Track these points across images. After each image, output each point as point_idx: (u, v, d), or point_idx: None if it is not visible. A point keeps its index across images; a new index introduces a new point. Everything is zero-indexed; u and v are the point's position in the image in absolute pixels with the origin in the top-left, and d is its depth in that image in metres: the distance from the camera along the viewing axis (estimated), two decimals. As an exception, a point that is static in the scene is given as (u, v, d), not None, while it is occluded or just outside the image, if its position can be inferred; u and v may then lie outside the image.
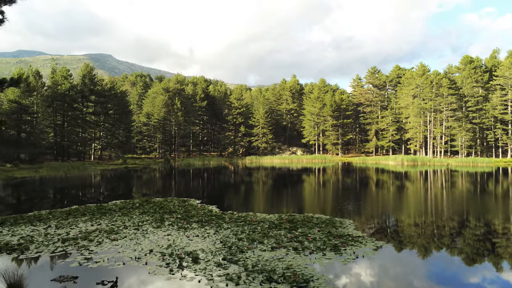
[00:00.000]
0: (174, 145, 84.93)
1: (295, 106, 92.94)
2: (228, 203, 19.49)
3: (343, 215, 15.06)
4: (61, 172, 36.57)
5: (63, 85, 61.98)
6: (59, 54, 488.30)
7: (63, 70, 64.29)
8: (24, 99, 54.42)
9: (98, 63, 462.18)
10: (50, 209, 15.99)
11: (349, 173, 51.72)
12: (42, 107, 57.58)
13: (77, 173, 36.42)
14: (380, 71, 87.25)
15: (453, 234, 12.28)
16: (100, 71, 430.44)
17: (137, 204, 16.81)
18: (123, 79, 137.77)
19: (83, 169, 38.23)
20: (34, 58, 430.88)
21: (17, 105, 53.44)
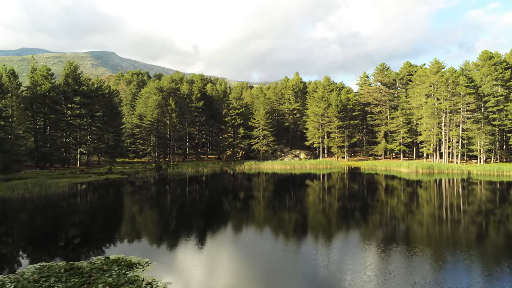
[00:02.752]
0: (168, 149, 79.54)
1: (298, 105, 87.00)
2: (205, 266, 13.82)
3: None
4: (20, 190, 31.19)
5: (43, 86, 56.69)
6: (62, 52, 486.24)
7: (43, 69, 58.95)
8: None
9: (101, 60, 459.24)
10: None
11: (357, 183, 45.78)
12: (18, 110, 52.22)
13: (37, 192, 31.04)
14: (389, 68, 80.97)
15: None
16: (103, 68, 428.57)
17: (56, 274, 11.23)
18: (118, 77, 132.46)
19: (46, 187, 32.89)
20: (37, 56, 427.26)
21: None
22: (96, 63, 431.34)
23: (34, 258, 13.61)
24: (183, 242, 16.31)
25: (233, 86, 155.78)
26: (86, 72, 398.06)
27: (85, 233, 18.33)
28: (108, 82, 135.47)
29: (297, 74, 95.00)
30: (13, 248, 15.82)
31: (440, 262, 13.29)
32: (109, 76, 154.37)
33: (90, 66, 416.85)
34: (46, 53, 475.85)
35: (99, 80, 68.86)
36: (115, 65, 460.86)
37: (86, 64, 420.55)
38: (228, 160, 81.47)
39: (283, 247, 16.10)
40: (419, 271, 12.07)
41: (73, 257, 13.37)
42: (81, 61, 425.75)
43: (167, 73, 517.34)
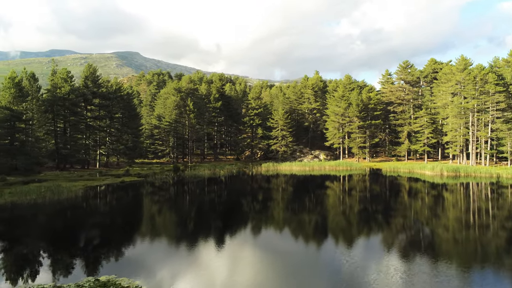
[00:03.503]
0: (187, 149, 79.50)
1: (318, 105, 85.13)
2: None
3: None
4: (33, 195, 31.33)
5: (63, 88, 57.44)
6: (89, 53, 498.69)
7: (63, 72, 59.67)
8: (16, 105, 50.05)
9: (126, 60, 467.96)
10: None
11: (378, 185, 43.95)
12: (38, 112, 53.08)
13: (50, 197, 31.08)
14: (413, 65, 77.96)
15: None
16: (127, 68, 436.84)
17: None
18: (139, 77, 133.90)
19: (58, 192, 32.93)
20: (64, 57, 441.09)
21: (9, 112, 49.17)
22: (121, 63, 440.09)
23: (14, 280, 12.93)
24: (194, 262, 15.47)
25: (253, 85, 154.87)
26: (111, 73, 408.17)
27: (83, 248, 17.72)
28: (130, 83, 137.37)
29: (317, 72, 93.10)
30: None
31: (467, 271, 12.38)
32: (132, 77, 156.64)
33: (115, 66, 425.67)
34: (73, 54, 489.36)
35: (117, 82, 69.27)
36: (139, 65, 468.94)
37: (111, 65, 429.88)
38: (247, 161, 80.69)
39: (304, 254, 16.07)
40: (445, 281, 11.23)
41: (61, 277, 12.75)
42: (107, 62, 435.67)
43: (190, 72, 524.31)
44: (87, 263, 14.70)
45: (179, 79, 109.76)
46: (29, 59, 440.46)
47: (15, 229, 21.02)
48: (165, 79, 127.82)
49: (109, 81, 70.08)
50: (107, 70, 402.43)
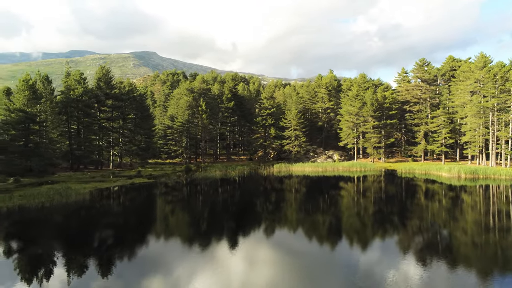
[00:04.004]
0: (199, 149, 79.52)
1: (332, 104, 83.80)
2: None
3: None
4: (42, 198, 31.56)
5: (76, 90, 58.06)
6: (107, 53, 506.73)
7: (76, 73, 60.32)
8: (31, 107, 50.81)
9: (143, 60, 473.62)
10: None
11: (392, 188, 42.62)
12: (52, 114, 53.81)
13: (58, 200, 31.24)
14: (430, 63, 75.70)
15: None
16: (144, 68, 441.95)
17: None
18: (154, 77, 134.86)
19: (66, 195, 33.09)
20: (84, 58, 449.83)
21: (24, 114, 49.95)
22: (138, 63, 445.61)
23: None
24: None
25: (267, 85, 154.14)
26: (129, 72, 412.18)
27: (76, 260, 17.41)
28: (146, 83, 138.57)
29: (331, 71, 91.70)
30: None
31: (487, 276, 11.82)
32: (147, 77, 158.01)
33: (133, 66, 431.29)
34: (92, 54, 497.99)
35: (130, 83, 69.71)
36: (156, 64, 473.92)
37: (128, 65, 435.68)
38: (260, 161, 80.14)
39: (318, 256, 16.17)
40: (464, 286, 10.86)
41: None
42: (124, 62, 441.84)
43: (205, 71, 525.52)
44: (81, 278, 14.40)
45: (194, 79, 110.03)
46: (50, 60, 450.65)
47: (13, 236, 21.05)
48: (180, 79, 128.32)
49: (122, 82, 70.52)
50: (124, 70, 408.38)
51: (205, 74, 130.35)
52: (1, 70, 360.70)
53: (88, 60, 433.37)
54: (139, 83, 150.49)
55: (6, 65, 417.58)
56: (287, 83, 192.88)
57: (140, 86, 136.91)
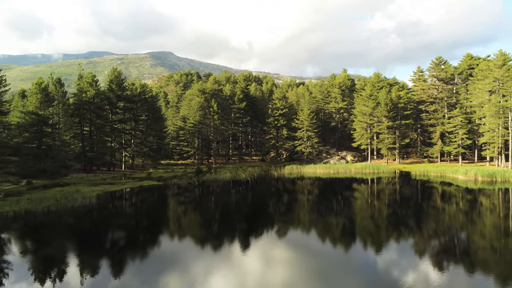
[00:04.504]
0: (211, 150, 79.42)
1: (345, 104, 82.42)
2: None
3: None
4: (49, 202, 31.82)
5: (88, 92, 58.68)
6: (125, 54, 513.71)
7: (88, 76, 60.95)
8: (43, 109, 51.56)
9: (159, 60, 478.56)
10: None
11: (405, 191, 41.30)
12: (64, 116, 54.50)
13: (64, 204, 31.41)
14: (446, 61, 73.46)
15: None
16: (161, 68, 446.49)
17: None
18: (168, 78, 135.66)
19: (72, 199, 33.29)
20: (102, 59, 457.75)
21: (36, 117, 50.74)
22: (155, 63, 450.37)
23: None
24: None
25: (280, 84, 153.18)
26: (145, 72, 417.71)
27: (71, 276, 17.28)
28: (160, 83, 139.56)
29: (344, 71, 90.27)
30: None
31: (507, 282, 11.27)
32: (161, 77, 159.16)
33: (149, 66, 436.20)
34: (110, 55, 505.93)
35: (142, 84, 70.09)
36: (173, 64, 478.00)
37: (145, 65, 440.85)
38: (272, 162, 79.51)
39: (332, 261, 16.27)
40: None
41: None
42: (141, 62, 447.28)
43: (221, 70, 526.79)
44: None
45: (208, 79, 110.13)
46: (69, 61, 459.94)
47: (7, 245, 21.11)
48: (193, 79, 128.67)
49: (134, 83, 70.99)
50: (141, 70, 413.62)
51: (218, 75, 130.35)
52: (23, 72, 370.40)
53: (106, 61, 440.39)
54: (154, 84, 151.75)
55: (28, 67, 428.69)
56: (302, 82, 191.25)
57: (155, 86, 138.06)
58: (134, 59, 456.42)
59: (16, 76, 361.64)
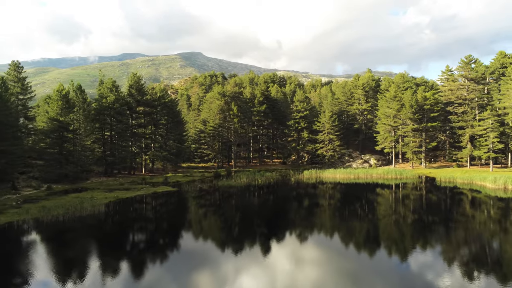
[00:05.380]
0: (232, 153, 79.23)
1: (369, 106, 79.81)
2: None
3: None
4: (59, 210, 32.39)
5: (108, 98, 59.82)
6: (155, 55, 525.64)
7: (108, 81, 62.14)
8: (64, 116, 52.96)
9: (189, 61, 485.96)
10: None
11: (426, 200, 39.06)
12: (84, 122, 55.80)
13: (73, 213, 31.86)
14: (477, 60, 69.41)
15: None
16: (190, 69, 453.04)
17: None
18: (192, 80, 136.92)
19: (81, 208, 33.75)
20: (134, 60, 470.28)
21: (57, 123, 52.22)
22: (185, 63, 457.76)
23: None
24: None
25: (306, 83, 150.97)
26: (175, 73, 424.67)
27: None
28: (186, 85, 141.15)
29: (369, 71, 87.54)
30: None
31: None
32: (188, 79, 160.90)
33: (179, 67, 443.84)
34: (142, 57, 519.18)
35: (162, 89, 70.84)
36: (202, 64, 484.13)
37: (175, 66, 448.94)
38: (293, 165, 78.35)
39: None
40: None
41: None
42: (171, 63, 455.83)
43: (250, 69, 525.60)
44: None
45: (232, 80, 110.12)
46: (104, 63, 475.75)
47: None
48: (219, 80, 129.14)
49: (154, 88, 71.85)
50: (171, 71, 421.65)
51: (242, 76, 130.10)
52: (60, 74, 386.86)
53: (137, 62, 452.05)
54: (180, 85, 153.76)
55: (65, 69, 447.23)
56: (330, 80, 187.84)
57: (181, 88, 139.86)
58: (164, 60, 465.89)
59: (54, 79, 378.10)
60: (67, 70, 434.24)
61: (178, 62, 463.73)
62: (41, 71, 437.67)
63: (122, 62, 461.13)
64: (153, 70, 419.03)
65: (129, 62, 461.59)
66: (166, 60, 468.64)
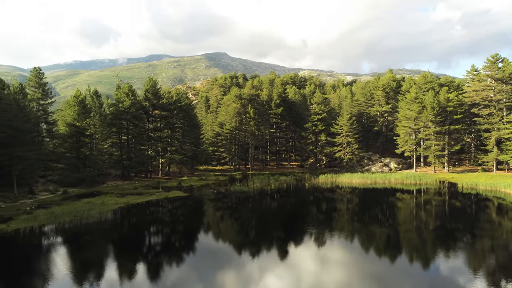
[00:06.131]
0: (249, 156, 78.86)
1: (389, 107, 77.41)
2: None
3: None
4: (66, 217, 32.93)
5: (125, 102, 60.71)
6: (181, 56, 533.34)
7: (125, 86, 63.07)
8: (80, 121, 54.13)
9: (213, 61, 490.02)
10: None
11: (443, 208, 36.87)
12: (101, 127, 56.86)
13: (79, 219, 32.33)
14: (505, 59, 65.81)
15: None
16: (215, 69, 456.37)
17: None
18: (212, 82, 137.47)
19: (87, 216, 34.19)
20: (160, 62, 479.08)
21: (74, 128, 53.44)
22: (209, 64, 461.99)
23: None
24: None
25: (329, 82, 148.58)
26: (200, 74, 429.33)
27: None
28: (208, 86, 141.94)
29: (390, 71, 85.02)
30: None
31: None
32: (209, 80, 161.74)
33: (204, 67, 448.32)
34: (168, 58, 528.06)
35: (178, 92, 71.32)
36: (226, 65, 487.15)
37: (200, 66, 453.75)
38: (310, 169, 77.15)
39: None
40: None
41: None
42: (196, 64, 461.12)
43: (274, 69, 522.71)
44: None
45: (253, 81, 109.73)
46: (131, 65, 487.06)
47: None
48: (239, 81, 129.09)
49: (170, 92, 72.45)
50: (196, 71, 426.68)
51: (262, 77, 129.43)
52: (90, 76, 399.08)
53: (163, 63, 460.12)
54: (201, 86, 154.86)
55: (94, 71, 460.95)
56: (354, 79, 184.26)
57: (203, 89, 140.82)
58: (190, 61, 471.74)
59: (84, 81, 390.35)
60: (96, 72, 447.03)
61: (203, 63, 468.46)
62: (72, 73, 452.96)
63: (148, 64, 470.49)
64: (178, 71, 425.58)
65: (155, 63, 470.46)
66: (191, 61, 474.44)
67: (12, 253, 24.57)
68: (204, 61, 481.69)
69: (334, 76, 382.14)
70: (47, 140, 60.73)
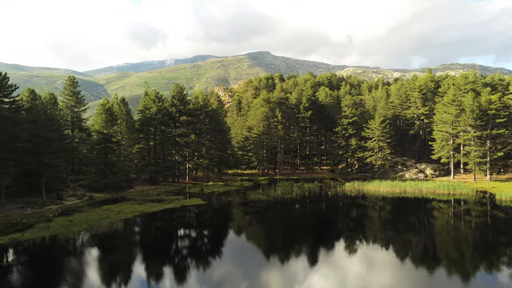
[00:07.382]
0: (277, 160, 77.80)
1: (426, 110, 72.76)
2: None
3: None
4: (78, 227, 34.02)
5: (151, 109, 62.12)
6: (224, 56, 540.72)
7: (152, 93, 64.49)
8: (107, 128, 56.08)
9: (256, 61, 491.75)
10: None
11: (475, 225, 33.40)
12: (128, 133, 58.56)
13: (90, 230, 33.29)
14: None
15: None
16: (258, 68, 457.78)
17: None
18: (247, 84, 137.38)
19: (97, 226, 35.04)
20: (204, 62, 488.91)
21: (102, 135, 55.49)
22: (252, 63, 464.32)
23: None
24: None
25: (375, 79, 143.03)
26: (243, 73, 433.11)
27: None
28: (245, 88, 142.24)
29: (429, 70, 79.86)
30: None
31: None
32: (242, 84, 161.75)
33: (247, 67, 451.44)
34: (212, 58, 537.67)
35: (204, 97, 71.84)
36: (269, 63, 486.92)
37: (243, 66, 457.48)
38: (341, 174, 74.65)
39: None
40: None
41: None
42: (239, 63, 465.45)
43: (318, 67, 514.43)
44: None
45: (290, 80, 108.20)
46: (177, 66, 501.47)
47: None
48: (275, 82, 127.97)
49: (197, 97, 73.15)
50: (239, 71, 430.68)
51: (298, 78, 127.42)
52: (138, 78, 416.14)
53: (208, 64, 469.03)
54: (238, 88, 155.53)
55: (143, 73, 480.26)
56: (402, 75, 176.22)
57: (240, 91, 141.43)
58: (233, 61, 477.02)
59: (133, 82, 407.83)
60: (144, 74, 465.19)
61: (246, 62, 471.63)
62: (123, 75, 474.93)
63: (193, 64, 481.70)
64: (222, 71, 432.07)
65: (200, 64, 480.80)
66: (234, 61, 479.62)
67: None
68: (247, 60, 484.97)
69: (380, 72, 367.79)
70: (81, 146, 63.64)
